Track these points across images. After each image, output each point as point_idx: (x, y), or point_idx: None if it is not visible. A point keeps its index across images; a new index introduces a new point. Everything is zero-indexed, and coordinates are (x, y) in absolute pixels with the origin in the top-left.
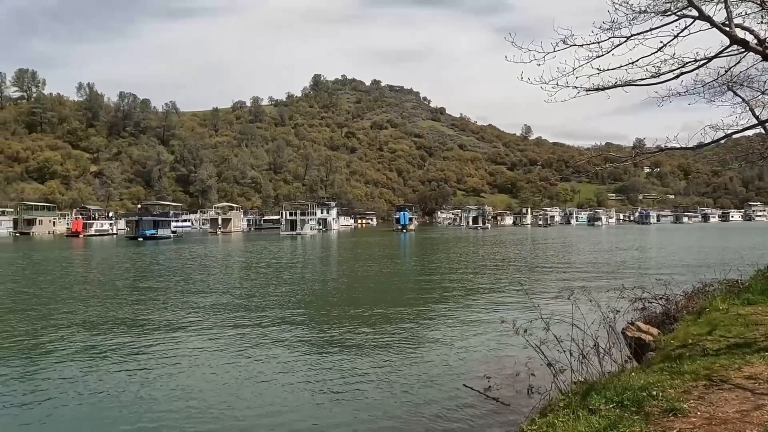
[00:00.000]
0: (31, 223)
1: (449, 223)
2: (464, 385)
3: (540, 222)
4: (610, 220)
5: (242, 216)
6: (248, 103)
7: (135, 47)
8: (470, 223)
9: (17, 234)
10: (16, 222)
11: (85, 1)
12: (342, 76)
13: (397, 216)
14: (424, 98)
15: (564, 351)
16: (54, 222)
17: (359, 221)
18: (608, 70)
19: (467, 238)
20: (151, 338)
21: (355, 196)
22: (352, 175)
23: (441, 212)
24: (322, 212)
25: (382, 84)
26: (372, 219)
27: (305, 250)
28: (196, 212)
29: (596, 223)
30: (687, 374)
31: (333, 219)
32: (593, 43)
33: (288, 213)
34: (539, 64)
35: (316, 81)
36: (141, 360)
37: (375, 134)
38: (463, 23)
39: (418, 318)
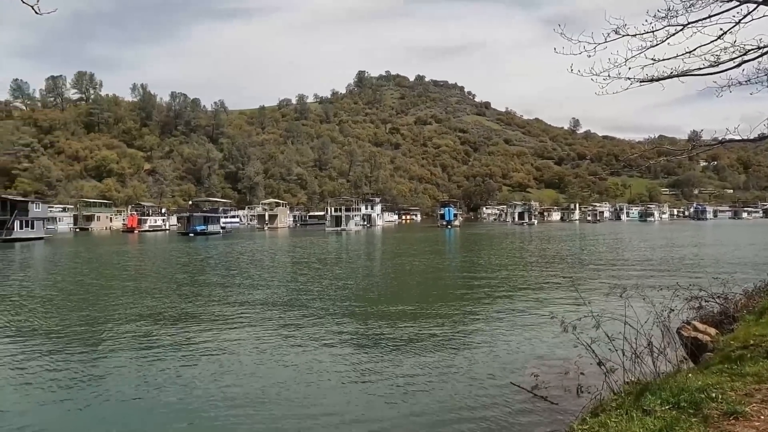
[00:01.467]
0: (89, 219)
1: (494, 219)
2: (511, 382)
3: (588, 218)
4: (663, 216)
5: (288, 212)
6: (294, 101)
7: (186, 48)
8: (516, 218)
9: (77, 230)
10: (76, 218)
11: (139, 5)
12: (386, 72)
13: (442, 212)
14: (469, 93)
15: (615, 350)
16: (111, 218)
17: (403, 217)
18: (663, 60)
19: (513, 234)
20: (202, 331)
21: (399, 192)
22: (396, 171)
23: (486, 208)
24: (366, 208)
25: (426, 79)
26: (416, 215)
27: (350, 246)
28: (243, 209)
29: (648, 219)
30: (749, 376)
31: (377, 215)
32: (647, 32)
33: (333, 209)
34: (590, 56)
35: (360, 77)
36: (192, 352)
37: (419, 130)
38: (510, 16)
39: (464, 314)
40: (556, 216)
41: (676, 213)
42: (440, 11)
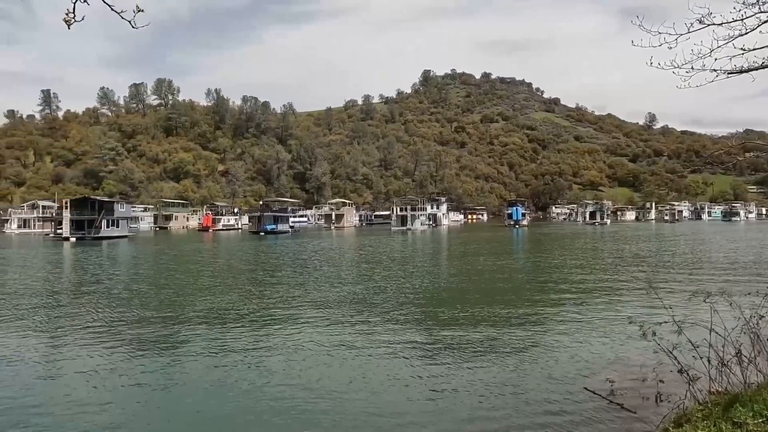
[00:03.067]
0: (168, 218)
1: (564, 219)
2: (585, 388)
3: (666, 217)
4: (749, 215)
5: (354, 212)
6: (360, 102)
7: (256, 53)
8: (587, 218)
9: (157, 228)
10: (156, 217)
11: (213, 12)
12: (451, 70)
13: (509, 211)
14: (537, 89)
15: (699, 357)
16: (187, 217)
17: (469, 216)
18: (754, 49)
19: (584, 234)
20: (273, 328)
21: (465, 191)
22: (461, 170)
23: (555, 207)
24: (432, 208)
25: (493, 76)
26: (482, 214)
27: (416, 246)
28: (311, 208)
29: (733, 219)
30: None
31: (443, 214)
32: (736, 20)
33: (398, 209)
34: (670, 47)
35: (426, 76)
36: (260, 349)
37: (485, 128)
38: (581, 8)
39: (534, 316)
40: (630, 215)
41: (765, 212)
42: (508, 5)
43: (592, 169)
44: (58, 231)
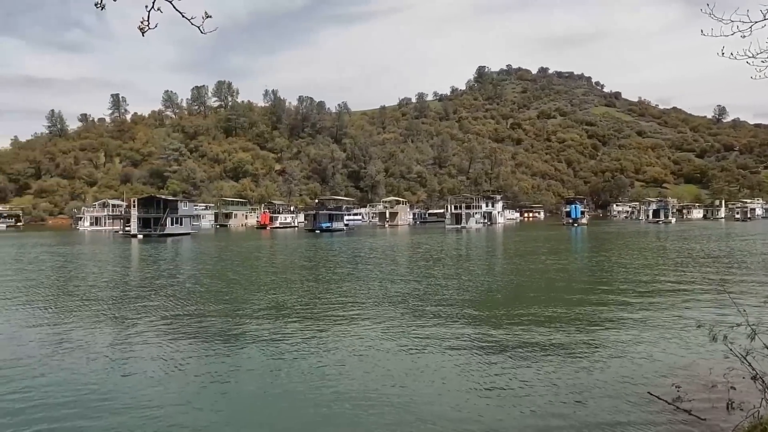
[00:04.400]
0: (228, 216)
1: (626, 217)
2: (649, 392)
3: (737, 215)
4: None
5: (408, 210)
6: (413, 100)
7: (312, 53)
8: (650, 216)
9: (217, 226)
10: (216, 215)
11: (271, 14)
12: (507, 66)
13: (568, 209)
14: (597, 83)
15: None
16: (246, 216)
17: (525, 215)
18: None
19: (647, 232)
20: (330, 324)
21: (521, 188)
22: (517, 168)
23: (616, 205)
24: (486, 206)
25: (550, 71)
26: (539, 212)
27: (470, 244)
28: (365, 206)
29: None
30: None
31: (498, 212)
32: None
33: (452, 207)
34: (744, 36)
35: (480, 73)
36: (317, 344)
37: (542, 124)
38: None
39: (594, 317)
40: (697, 213)
41: None
42: None
43: (656, 166)
44: (127, 228)
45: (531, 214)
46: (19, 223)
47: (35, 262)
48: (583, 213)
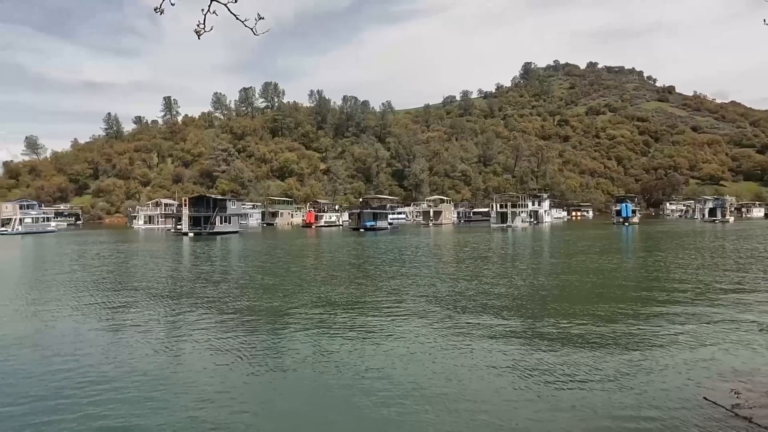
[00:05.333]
0: (274, 215)
1: (679, 216)
2: (705, 398)
3: None
4: None
5: (452, 208)
6: (458, 98)
7: (356, 53)
8: (706, 215)
9: (264, 225)
10: (263, 214)
11: (316, 15)
12: (554, 61)
13: (618, 208)
14: (649, 77)
15: None
16: (292, 214)
17: (573, 213)
18: None
19: (703, 232)
20: (376, 321)
21: (568, 187)
22: (565, 165)
23: (669, 204)
24: (533, 204)
25: (599, 66)
26: (587, 211)
27: (517, 243)
28: (409, 205)
29: None
30: None
31: (545, 211)
32: None
33: (498, 205)
34: None
35: (527, 69)
36: (366, 340)
37: (591, 120)
38: None
39: (646, 319)
40: (757, 212)
41: None
42: None
43: (713, 162)
44: (178, 227)
45: (579, 213)
46: (78, 222)
47: (98, 258)
48: (634, 212)
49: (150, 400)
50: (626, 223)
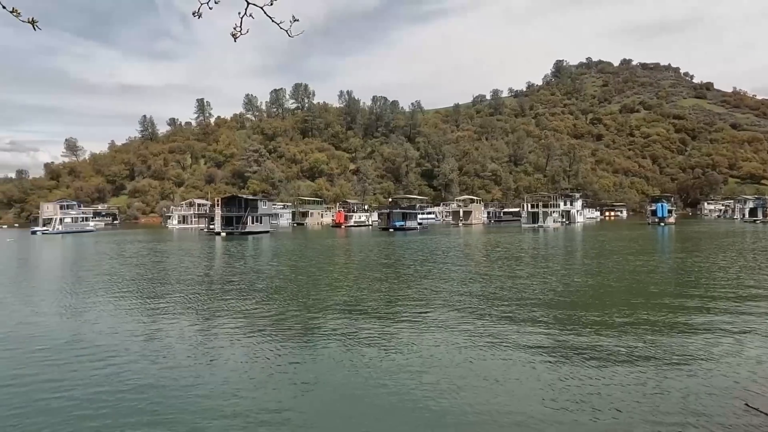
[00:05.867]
0: (305, 215)
1: (718, 216)
2: (746, 404)
3: None
4: None
5: (482, 208)
6: (488, 97)
7: (386, 53)
8: (746, 215)
9: (295, 224)
10: (294, 214)
11: (346, 16)
12: (587, 59)
13: (653, 208)
14: (685, 74)
15: None
16: (321, 214)
17: (606, 213)
18: None
19: (744, 232)
20: (408, 320)
21: (601, 186)
22: (597, 164)
23: (707, 203)
24: (565, 204)
25: (633, 63)
26: (621, 211)
27: (547, 243)
28: (439, 205)
29: None
30: None
31: (577, 211)
32: None
33: (529, 205)
34: None
35: (558, 67)
36: (396, 340)
37: (624, 118)
38: None
39: (686, 322)
40: None
41: None
42: None
43: (753, 161)
44: (211, 226)
45: (613, 213)
46: (115, 221)
47: (136, 257)
48: (670, 211)
49: (181, 396)
50: (662, 224)
